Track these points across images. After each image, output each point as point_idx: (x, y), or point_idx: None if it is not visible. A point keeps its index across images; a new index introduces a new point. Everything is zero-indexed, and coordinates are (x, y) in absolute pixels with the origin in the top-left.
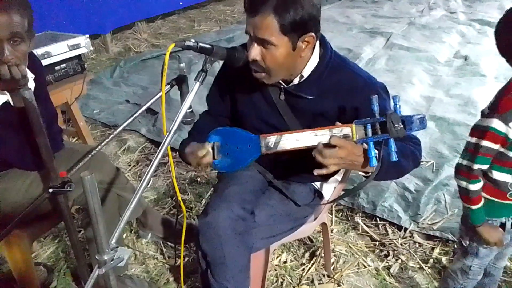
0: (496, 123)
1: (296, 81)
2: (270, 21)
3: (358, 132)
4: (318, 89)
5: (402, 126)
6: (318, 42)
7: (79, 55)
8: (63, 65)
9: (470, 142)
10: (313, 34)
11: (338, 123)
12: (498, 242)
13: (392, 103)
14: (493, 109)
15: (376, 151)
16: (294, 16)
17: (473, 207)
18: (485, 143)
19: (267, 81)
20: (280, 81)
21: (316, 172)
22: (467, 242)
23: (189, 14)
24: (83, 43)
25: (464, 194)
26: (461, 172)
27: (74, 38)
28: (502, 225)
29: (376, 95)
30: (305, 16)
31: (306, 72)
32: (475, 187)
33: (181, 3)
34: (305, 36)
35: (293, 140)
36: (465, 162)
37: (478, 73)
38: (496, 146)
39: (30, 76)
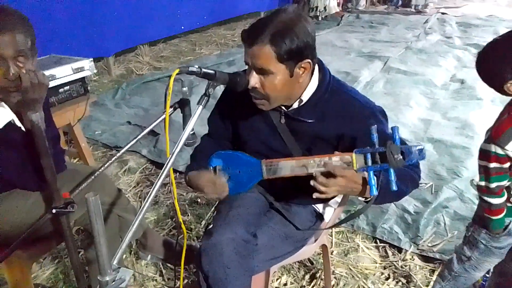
0: (495, 148)
1: (295, 105)
2: (267, 51)
3: (358, 161)
4: (317, 113)
5: (401, 157)
6: (317, 68)
7: (83, 78)
8: (67, 88)
9: (481, 165)
10: (309, 60)
11: (336, 152)
12: None
13: (390, 131)
14: (489, 135)
15: (375, 177)
16: (289, 45)
17: (494, 217)
18: (493, 165)
19: (266, 108)
20: (281, 106)
21: (315, 195)
22: (470, 230)
23: (190, 38)
24: (87, 66)
25: (486, 207)
26: (483, 190)
27: (78, 61)
28: (505, 227)
29: (376, 126)
30: (300, 45)
31: (305, 97)
32: (496, 201)
33: (182, 27)
34: (302, 62)
35: (294, 167)
36: (483, 183)
37: (475, 96)
38: (505, 165)
39: None
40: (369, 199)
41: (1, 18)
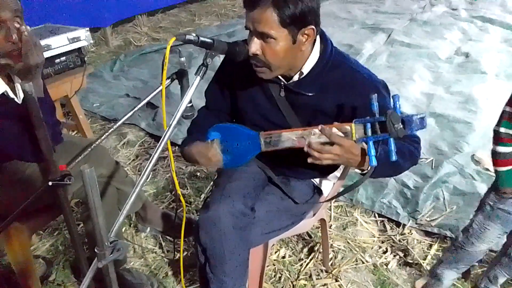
0: None
1: (296, 77)
2: (270, 14)
3: (358, 131)
4: (318, 86)
5: (402, 126)
6: (318, 38)
7: (79, 48)
8: (63, 58)
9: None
10: (313, 27)
11: (335, 123)
12: None
13: (392, 102)
14: None
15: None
16: (293, 9)
17: (500, 169)
18: (508, 108)
19: (266, 76)
20: (280, 78)
21: (309, 160)
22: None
23: (189, 8)
24: (83, 36)
25: (494, 158)
26: (493, 136)
27: (74, 31)
28: None
29: (376, 94)
30: (305, 9)
31: (306, 69)
32: (502, 149)
33: None
34: (305, 29)
35: (292, 138)
36: (495, 128)
37: (479, 70)
38: None
39: None
40: (365, 171)
41: None
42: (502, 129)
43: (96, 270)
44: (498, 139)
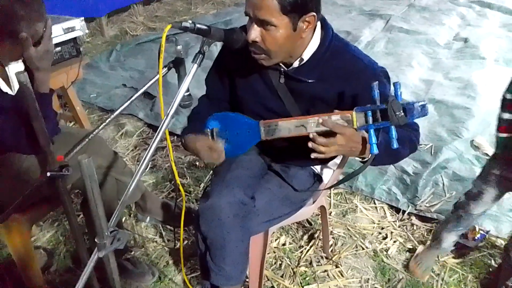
0: None
1: (296, 64)
2: (270, 1)
3: (359, 119)
4: (318, 73)
5: (403, 113)
6: (319, 25)
7: (75, 38)
8: (58, 49)
9: None
10: (314, 13)
11: (336, 110)
12: None
13: (393, 89)
14: None
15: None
16: None
17: (499, 134)
18: None
19: (266, 63)
20: (280, 64)
21: (313, 155)
22: None
23: None
24: (78, 25)
25: (497, 122)
26: (501, 103)
27: (68, 20)
28: None
29: (377, 82)
30: None
31: (306, 55)
32: (505, 116)
33: None
34: (306, 16)
35: (292, 127)
36: (503, 93)
37: (478, 55)
38: None
39: None
40: (366, 159)
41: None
42: (508, 95)
43: (96, 260)
44: (504, 105)
